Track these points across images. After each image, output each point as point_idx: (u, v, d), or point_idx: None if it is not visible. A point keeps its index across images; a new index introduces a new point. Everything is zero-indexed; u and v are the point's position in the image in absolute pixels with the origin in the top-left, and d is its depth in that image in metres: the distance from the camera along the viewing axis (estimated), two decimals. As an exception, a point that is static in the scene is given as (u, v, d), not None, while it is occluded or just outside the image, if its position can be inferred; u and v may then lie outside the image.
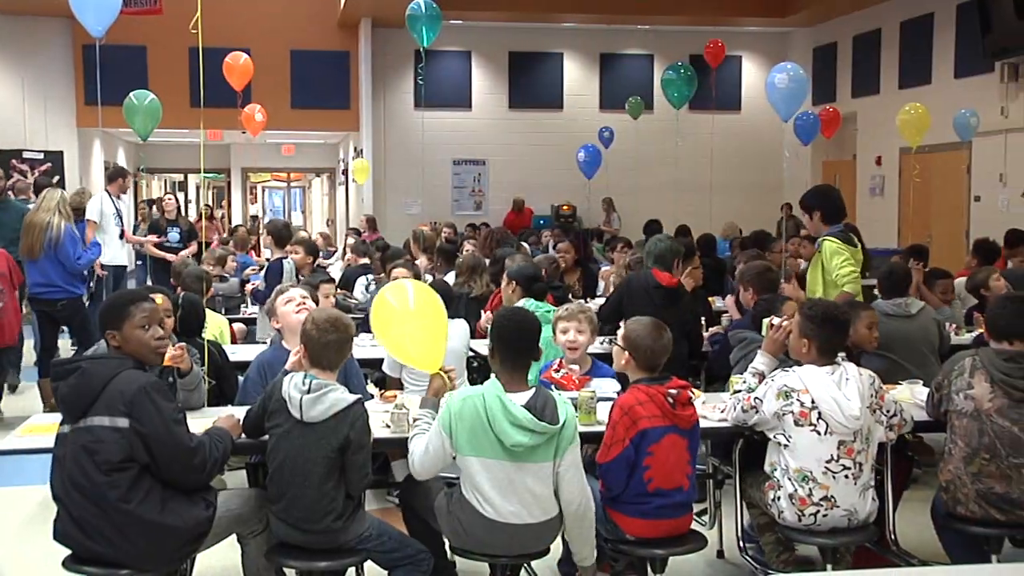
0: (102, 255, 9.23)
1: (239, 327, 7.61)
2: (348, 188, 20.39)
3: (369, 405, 4.22)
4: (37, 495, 5.75)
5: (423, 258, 9.15)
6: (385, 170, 17.60)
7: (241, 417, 4.09)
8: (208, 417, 4.26)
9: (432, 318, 4.36)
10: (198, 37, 4.52)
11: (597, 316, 5.29)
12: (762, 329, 4.78)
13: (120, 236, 10.20)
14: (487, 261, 8.29)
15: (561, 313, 5.08)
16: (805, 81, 10.52)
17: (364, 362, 5.79)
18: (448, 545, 4.13)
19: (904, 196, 13.84)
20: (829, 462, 4.03)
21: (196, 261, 9.16)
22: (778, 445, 4.15)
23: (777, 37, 18.18)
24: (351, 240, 11.90)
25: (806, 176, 17.38)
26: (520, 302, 6.11)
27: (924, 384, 4.88)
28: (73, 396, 3.58)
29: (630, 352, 4.13)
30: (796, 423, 4.06)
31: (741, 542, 4.62)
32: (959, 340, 6.65)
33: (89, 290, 10.19)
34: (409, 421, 4.19)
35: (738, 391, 4.41)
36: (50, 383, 3.87)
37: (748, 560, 4.64)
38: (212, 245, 11.53)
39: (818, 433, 4.03)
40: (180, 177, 26.95)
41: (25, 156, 16.42)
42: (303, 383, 3.83)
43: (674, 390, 4.02)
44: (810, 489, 4.04)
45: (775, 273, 6.21)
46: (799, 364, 4.24)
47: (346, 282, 9.36)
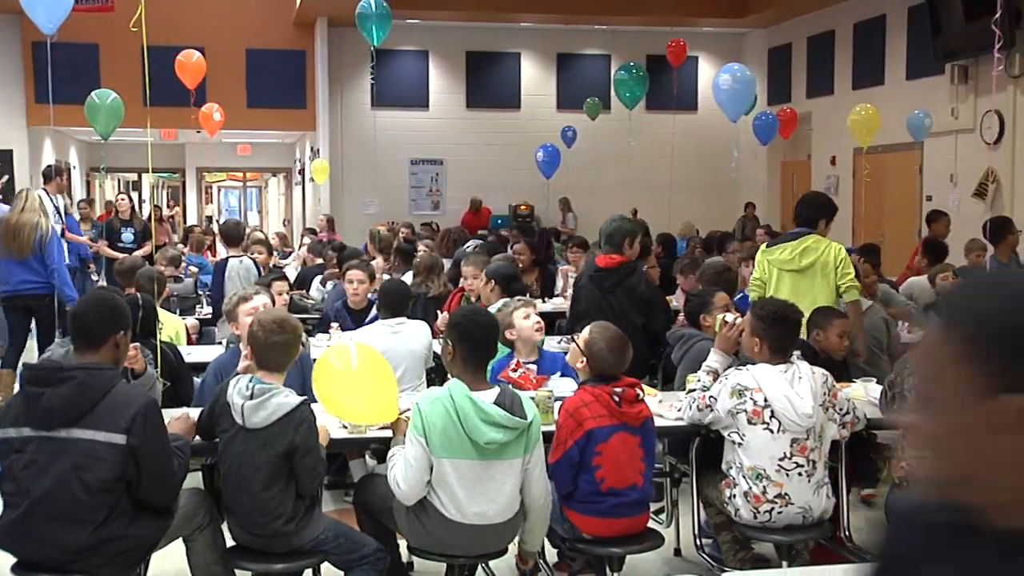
0: None
1: (192, 322, 7.57)
2: (305, 188, 20.26)
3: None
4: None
5: (380, 258, 9.13)
6: (342, 170, 17.50)
7: (196, 417, 4.07)
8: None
9: (375, 373, 4.24)
10: (142, 35, 4.46)
11: (567, 323, 5.35)
12: (698, 324, 4.86)
13: (60, 235, 10.09)
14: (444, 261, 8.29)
15: (517, 304, 5.18)
16: (752, 81, 10.61)
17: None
18: (406, 545, 4.12)
19: (858, 196, 13.99)
20: (782, 460, 4.07)
21: (149, 262, 9.06)
22: (733, 443, 4.18)
23: (733, 38, 18.31)
24: (307, 240, 11.85)
25: (762, 176, 17.54)
26: (499, 302, 6.16)
27: (877, 382, 4.94)
28: (64, 405, 3.41)
29: (587, 358, 4.15)
30: (749, 421, 4.09)
31: (698, 539, 4.66)
32: (910, 339, 6.74)
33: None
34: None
35: (693, 390, 4.44)
36: (18, 381, 3.74)
37: (705, 557, 4.67)
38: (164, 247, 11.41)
39: (771, 431, 4.07)
40: (134, 176, 26.62)
41: (-27, 155, 16.15)
42: (246, 388, 3.77)
43: (620, 388, 4.04)
44: (764, 487, 4.07)
45: (733, 272, 6.27)
46: (753, 362, 4.28)
47: (302, 282, 9.32)
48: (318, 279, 8.99)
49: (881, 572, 1.31)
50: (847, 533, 4.62)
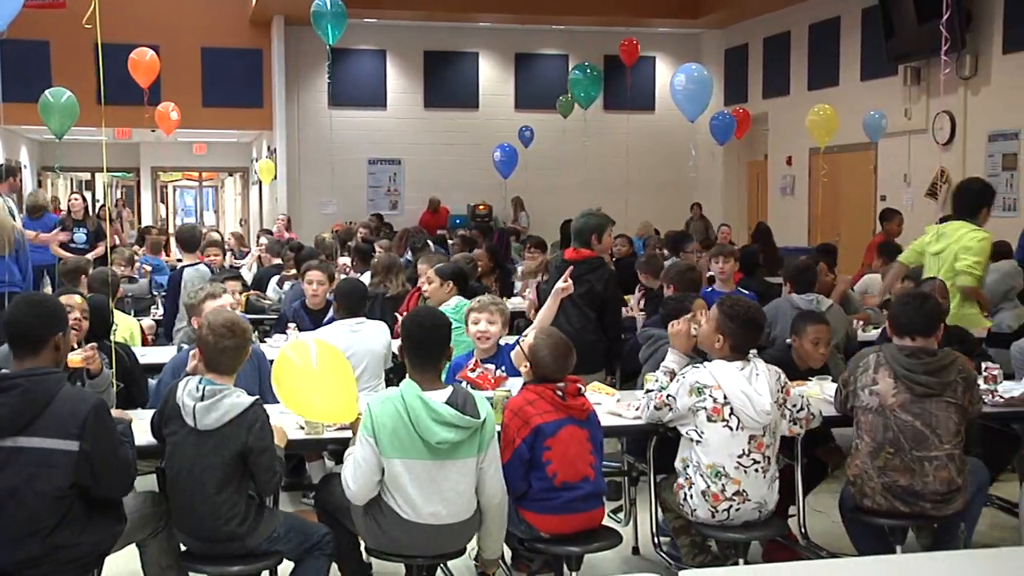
0: None
1: (148, 323, 7.46)
2: (262, 188, 20.10)
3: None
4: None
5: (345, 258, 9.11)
6: (300, 169, 17.38)
7: (134, 416, 4.02)
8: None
9: (336, 372, 4.17)
10: (96, 32, 4.40)
11: None
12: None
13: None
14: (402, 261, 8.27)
15: (473, 305, 5.12)
16: (709, 82, 10.67)
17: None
18: (364, 546, 4.10)
19: (814, 196, 14.13)
20: (741, 456, 4.09)
21: (104, 262, 8.95)
22: (690, 441, 4.19)
23: (689, 38, 18.41)
24: (264, 240, 11.75)
25: (719, 176, 17.64)
26: (453, 300, 6.15)
27: (832, 380, 4.98)
28: (9, 414, 3.30)
29: (531, 364, 4.16)
30: (709, 419, 4.11)
31: (656, 538, 4.67)
32: (865, 337, 6.82)
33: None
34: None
35: (650, 390, 4.45)
36: None
37: (663, 556, 4.69)
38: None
39: (730, 428, 4.09)
40: (87, 176, 26.24)
41: (-79, 155, 15.86)
42: (196, 389, 3.73)
43: (562, 383, 4.07)
44: (723, 484, 4.09)
45: (697, 272, 6.32)
46: (708, 360, 4.30)
47: (259, 283, 9.25)
48: (275, 279, 8.92)
49: None
50: (803, 530, 4.66)
